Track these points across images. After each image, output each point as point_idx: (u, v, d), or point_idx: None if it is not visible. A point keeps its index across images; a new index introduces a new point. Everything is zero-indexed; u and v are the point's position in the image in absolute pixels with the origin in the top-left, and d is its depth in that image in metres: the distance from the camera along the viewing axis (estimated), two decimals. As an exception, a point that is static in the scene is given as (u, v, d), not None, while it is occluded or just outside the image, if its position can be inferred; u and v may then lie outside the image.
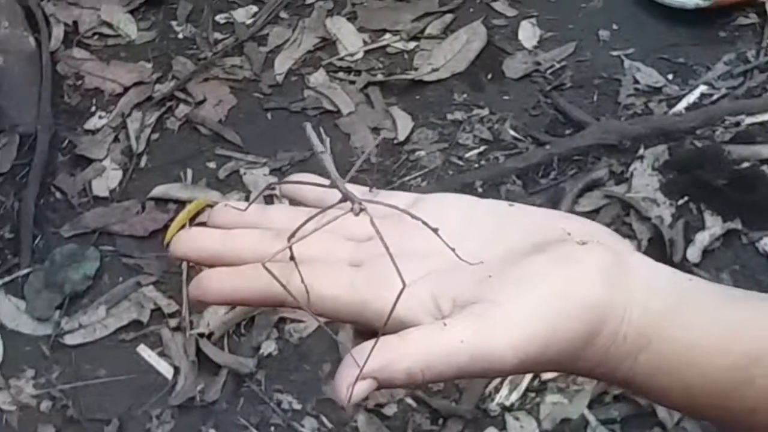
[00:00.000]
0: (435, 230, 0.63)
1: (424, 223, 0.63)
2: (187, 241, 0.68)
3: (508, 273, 0.62)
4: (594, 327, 0.60)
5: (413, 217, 0.64)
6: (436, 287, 0.62)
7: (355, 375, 0.57)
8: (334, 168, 0.68)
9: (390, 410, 1.59)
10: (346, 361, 0.58)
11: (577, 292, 0.60)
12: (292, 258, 0.63)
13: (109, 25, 2.15)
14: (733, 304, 0.63)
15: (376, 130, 1.93)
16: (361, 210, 0.63)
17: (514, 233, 0.65)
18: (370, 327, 0.62)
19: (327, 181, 0.68)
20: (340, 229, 0.66)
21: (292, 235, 0.63)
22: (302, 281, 0.62)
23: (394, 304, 0.59)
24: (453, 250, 0.63)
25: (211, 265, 0.66)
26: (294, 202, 0.72)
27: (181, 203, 1.84)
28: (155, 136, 1.97)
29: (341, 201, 0.66)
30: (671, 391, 0.62)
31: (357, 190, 0.68)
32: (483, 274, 0.62)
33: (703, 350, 0.61)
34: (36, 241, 1.81)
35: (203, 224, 0.71)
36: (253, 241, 0.67)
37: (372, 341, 0.58)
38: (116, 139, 1.96)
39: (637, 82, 1.94)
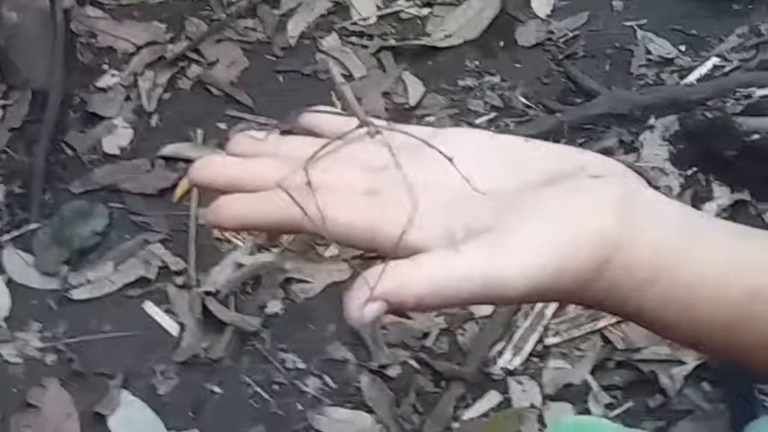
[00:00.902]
0: (450, 159, 0.63)
1: (440, 152, 0.64)
2: (205, 168, 0.68)
3: (521, 203, 0.62)
4: (604, 258, 0.61)
5: (429, 146, 0.64)
6: (449, 215, 0.62)
7: (367, 296, 0.57)
8: (354, 97, 0.68)
9: (393, 372, 1.60)
10: (358, 282, 0.58)
11: (589, 223, 0.61)
12: (308, 183, 0.63)
13: (124, -16, 2.15)
14: (740, 238, 0.63)
15: (387, 95, 1.93)
16: (377, 133, 0.64)
17: (529, 166, 0.66)
18: (383, 253, 0.62)
19: (345, 114, 0.69)
20: (357, 159, 0.67)
21: (310, 160, 0.64)
22: (317, 208, 0.63)
23: (405, 228, 0.60)
24: (467, 180, 0.63)
25: (227, 193, 0.66)
26: (312, 134, 0.72)
27: (191, 162, 1.84)
28: (167, 95, 1.97)
29: (358, 127, 0.66)
30: (680, 324, 0.63)
31: (375, 122, 0.69)
32: (497, 204, 0.62)
33: (711, 283, 0.61)
34: (45, 197, 1.81)
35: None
36: (271, 169, 0.67)
37: (384, 264, 0.58)
38: (128, 98, 1.96)
39: (649, 52, 1.94)
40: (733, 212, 1.69)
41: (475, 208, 0.63)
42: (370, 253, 0.65)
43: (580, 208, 0.62)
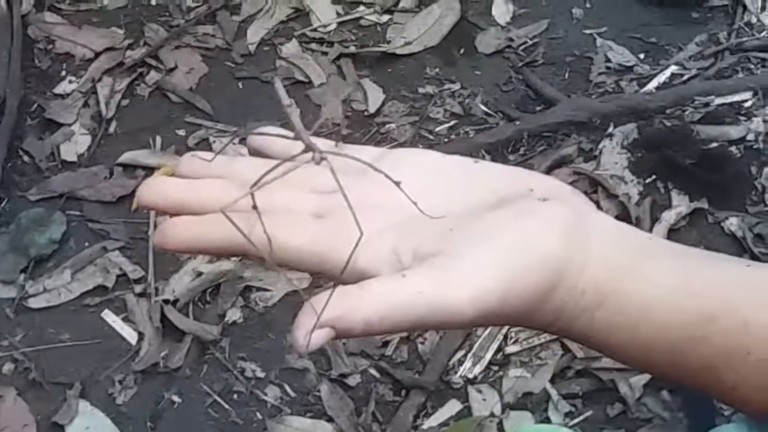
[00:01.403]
0: (397, 183, 0.63)
1: (387, 177, 0.63)
2: (154, 189, 0.67)
3: (469, 226, 0.62)
4: (551, 281, 0.60)
5: (375, 169, 0.64)
6: (397, 239, 0.62)
7: (313, 323, 0.57)
8: (299, 120, 0.68)
9: (353, 380, 1.59)
10: (305, 309, 0.58)
11: (536, 246, 0.61)
12: (254, 207, 0.63)
13: (82, -10, 2.14)
14: (689, 262, 0.63)
15: (347, 102, 1.93)
16: (322, 159, 0.63)
17: (477, 188, 0.66)
18: (331, 278, 0.62)
19: (292, 135, 0.68)
20: (304, 182, 0.67)
21: (255, 184, 0.63)
22: (264, 231, 0.62)
23: (352, 252, 0.60)
24: (415, 203, 0.63)
25: (175, 214, 0.66)
26: (261, 155, 0.72)
27: (150, 170, 1.84)
28: (125, 102, 1.96)
29: (304, 151, 0.66)
30: (628, 347, 0.63)
31: (323, 144, 0.69)
32: (444, 227, 0.62)
33: (659, 307, 0.61)
34: (2, 204, 1.80)
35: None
36: (218, 191, 0.67)
37: (330, 291, 0.58)
38: (86, 104, 1.95)
39: (608, 60, 1.95)
40: (692, 220, 1.70)
41: (423, 232, 0.62)
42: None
43: (527, 232, 0.61)
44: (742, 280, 0.62)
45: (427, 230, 0.62)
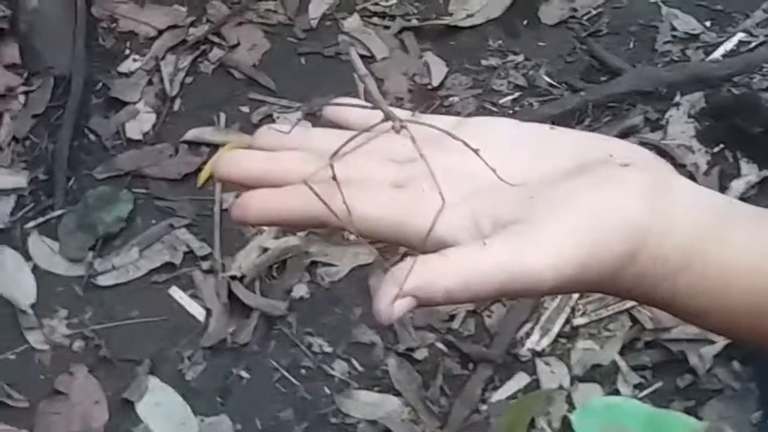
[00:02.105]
0: (476, 151, 0.63)
1: (465, 144, 0.63)
2: (231, 163, 0.67)
3: (549, 194, 0.61)
4: (633, 247, 0.60)
5: (454, 137, 0.63)
6: (476, 207, 0.61)
7: (395, 293, 0.57)
8: (377, 90, 0.67)
9: (421, 354, 1.59)
10: (387, 278, 0.57)
11: (618, 213, 0.60)
12: (334, 178, 0.62)
13: (144, -31, 2.14)
14: None
15: (409, 76, 1.93)
16: (402, 128, 0.63)
17: (556, 155, 0.65)
18: (410, 247, 0.62)
19: (369, 105, 0.68)
20: (382, 151, 0.66)
21: (334, 155, 0.63)
22: (344, 201, 0.62)
23: (434, 221, 0.59)
24: (494, 171, 0.63)
25: (253, 187, 0.66)
26: (337, 127, 0.72)
27: (214, 146, 1.85)
28: (189, 79, 1.97)
29: (383, 121, 0.65)
30: (710, 312, 0.62)
31: (400, 114, 0.68)
32: (524, 195, 0.61)
33: (742, 271, 0.60)
34: (70, 183, 1.82)
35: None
36: (296, 163, 0.66)
37: (412, 260, 0.58)
38: (150, 83, 1.96)
39: (674, 29, 1.93)
40: (761, 189, 1.68)
41: (503, 199, 0.62)
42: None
43: (609, 198, 0.60)
44: None
45: (507, 198, 0.62)
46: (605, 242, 0.59)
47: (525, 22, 1.99)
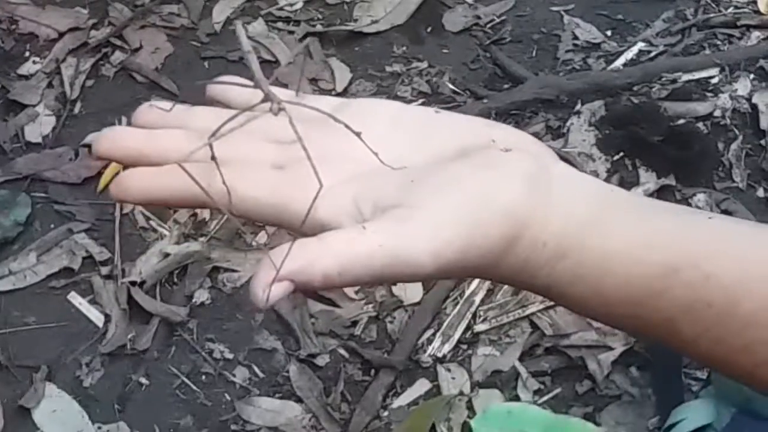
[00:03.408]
0: (358, 134, 0.63)
1: (347, 127, 0.63)
2: (111, 140, 0.67)
3: (430, 178, 0.61)
4: (513, 232, 0.60)
5: (336, 120, 0.63)
6: (358, 191, 0.62)
7: (272, 276, 0.56)
8: (259, 68, 0.67)
9: (322, 360, 1.59)
10: (263, 263, 0.57)
11: (497, 197, 0.60)
12: (213, 158, 0.62)
13: (45, -30, 2.12)
14: (652, 214, 0.63)
15: (314, 81, 1.92)
16: (280, 110, 0.63)
17: (439, 139, 0.65)
18: (291, 229, 0.62)
19: (251, 84, 0.67)
20: (265, 132, 0.66)
21: (214, 134, 0.62)
22: (223, 182, 0.62)
23: (312, 204, 0.59)
24: (376, 154, 0.63)
25: (133, 165, 0.65)
26: (222, 106, 0.71)
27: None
28: (90, 82, 1.94)
29: (263, 101, 0.65)
30: (589, 299, 0.62)
31: (283, 93, 0.68)
32: (406, 178, 0.62)
33: (620, 259, 0.61)
34: (-34, 187, 1.79)
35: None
36: (177, 141, 0.66)
37: (289, 244, 0.57)
38: (50, 85, 1.94)
39: (576, 37, 1.95)
40: (659, 196, 1.70)
41: (384, 183, 0.62)
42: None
43: (489, 183, 0.61)
44: (704, 233, 0.62)
45: (388, 181, 0.62)
46: (484, 227, 0.59)
47: (429, 29, 1.99)
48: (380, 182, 0.62)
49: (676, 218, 0.63)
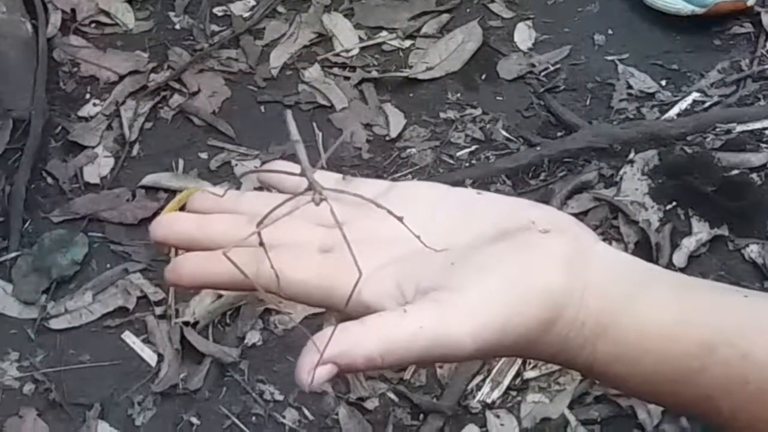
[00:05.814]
0: (400, 219, 0.64)
1: (389, 212, 0.64)
2: (166, 225, 0.69)
3: (470, 260, 0.63)
4: (552, 313, 0.61)
5: (378, 206, 0.65)
6: (400, 273, 0.63)
7: (316, 360, 0.58)
8: (306, 157, 0.69)
9: (371, 404, 1.59)
10: (308, 347, 0.59)
11: (536, 279, 0.61)
12: (261, 244, 0.64)
13: (107, 14, 2.15)
14: (688, 292, 0.64)
15: (368, 126, 1.94)
16: (322, 200, 0.65)
17: (479, 221, 0.67)
18: (336, 311, 0.63)
19: (297, 173, 0.70)
20: (312, 216, 0.67)
21: (262, 221, 0.65)
22: (271, 266, 0.63)
23: (353, 290, 0.61)
24: (418, 237, 0.64)
25: (188, 249, 0.68)
26: (274, 189, 0.73)
27: (172, 192, 1.85)
28: (148, 125, 1.97)
29: (308, 189, 0.67)
30: (629, 378, 0.63)
31: (330, 177, 0.70)
32: (446, 261, 0.63)
33: (657, 339, 0.62)
34: (25, 226, 1.81)
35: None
36: (227, 226, 0.68)
37: (333, 327, 0.59)
38: (109, 127, 1.97)
39: (630, 87, 1.95)
40: (712, 247, 1.70)
41: (426, 266, 0.63)
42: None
43: (527, 265, 0.62)
44: (740, 310, 0.62)
45: (430, 264, 0.63)
46: (523, 310, 0.61)
47: (483, 77, 2.01)
48: (422, 265, 0.64)
49: (711, 296, 0.64)
